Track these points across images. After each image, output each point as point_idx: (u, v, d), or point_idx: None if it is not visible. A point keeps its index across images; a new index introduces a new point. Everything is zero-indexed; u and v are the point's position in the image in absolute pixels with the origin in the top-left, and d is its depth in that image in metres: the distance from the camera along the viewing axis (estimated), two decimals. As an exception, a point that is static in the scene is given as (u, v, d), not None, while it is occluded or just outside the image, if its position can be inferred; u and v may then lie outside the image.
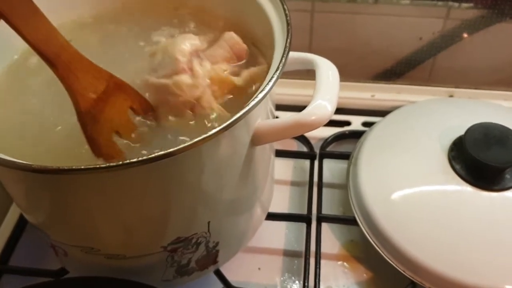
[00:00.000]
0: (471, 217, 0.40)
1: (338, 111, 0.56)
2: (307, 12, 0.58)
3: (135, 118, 0.33)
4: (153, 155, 0.26)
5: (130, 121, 0.33)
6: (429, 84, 0.56)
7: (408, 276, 0.39)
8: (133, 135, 0.33)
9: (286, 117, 0.32)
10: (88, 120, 0.30)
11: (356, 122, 0.54)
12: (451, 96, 0.55)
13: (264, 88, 0.30)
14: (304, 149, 0.52)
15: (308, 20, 0.59)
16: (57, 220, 0.33)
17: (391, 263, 0.40)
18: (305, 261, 0.42)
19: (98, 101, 0.31)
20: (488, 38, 0.57)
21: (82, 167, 0.25)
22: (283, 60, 0.31)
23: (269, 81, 0.30)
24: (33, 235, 0.46)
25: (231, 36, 0.37)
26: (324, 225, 0.46)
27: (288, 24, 0.34)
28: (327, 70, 0.35)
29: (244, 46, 0.37)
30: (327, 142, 0.51)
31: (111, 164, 0.26)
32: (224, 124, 0.28)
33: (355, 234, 0.46)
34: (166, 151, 0.26)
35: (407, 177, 0.42)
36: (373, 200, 0.42)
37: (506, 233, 0.39)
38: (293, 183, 0.50)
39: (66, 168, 0.25)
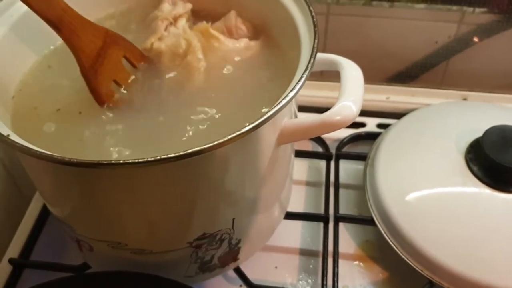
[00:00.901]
0: (489, 218, 0.40)
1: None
2: (323, 15, 0.59)
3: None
4: (182, 153, 0.26)
5: (125, 69, 0.37)
6: (442, 87, 0.57)
7: (426, 275, 0.40)
8: (129, 81, 0.37)
9: (311, 117, 0.33)
10: (91, 75, 0.34)
11: (371, 124, 0.54)
12: (465, 99, 0.55)
13: (294, 87, 0.30)
14: (320, 149, 0.52)
15: (324, 23, 0.60)
16: (85, 214, 0.33)
17: (409, 262, 0.41)
18: (323, 260, 0.43)
19: (98, 56, 0.34)
20: (502, 42, 0.58)
21: (120, 161, 0.26)
22: (312, 61, 0.32)
23: (298, 81, 0.31)
24: (54, 229, 0.47)
25: (229, 15, 0.40)
26: (341, 225, 0.46)
27: (315, 25, 0.35)
28: (351, 71, 0.35)
29: (234, 23, 0.40)
30: (342, 143, 0.52)
31: (141, 160, 0.26)
32: (254, 124, 0.28)
33: (371, 234, 0.46)
34: (195, 149, 0.27)
35: (424, 178, 0.43)
36: (390, 201, 0.42)
37: (523, 234, 0.39)
38: (309, 183, 0.51)
39: (103, 162, 0.26)
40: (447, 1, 0.56)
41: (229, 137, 0.28)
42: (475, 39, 0.58)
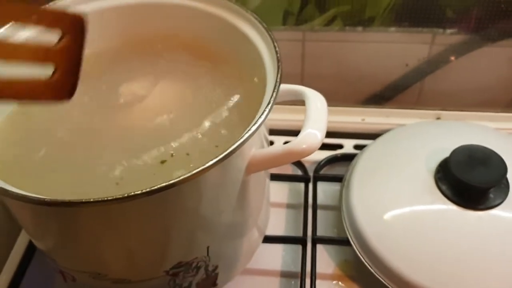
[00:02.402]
0: (457, 236, 0.42)
1: (331, 135, 0.59)
2: (299, 41, 0.61)
3: None
4: (149, 189, 0.28)
5: None
6: (417, 107, 0.59)
7: (399, 293, 0.41)
8: None
9: (278, 146, 0.35)
10: None
11: (348, 145, 0.56)
12: (438, 118, 0.57)
13: (257, 121, 0.32)
14: (299, 172, 0.54)
15: (300, 49, 0.62)
16: (65, 247, 0.35)
17: (382, 280, 0.42)
18: (301, 282, 0.44)
19: None
20: (473, 61, 0.60)
21: (90, 199, 0.27)
22: (274, 95, 0.34)
23: (262, 114, 0.33)
24: (42, 262, 0.48)
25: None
26: (319, 246, 0.48)
27: (278, 61, 0.36)
28: (316, 101, 0.37)
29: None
30: (320, 165, 0.53)
31: (114, 197, 0.28)
32: (220, 156, 0.30)
33: (349, 254, 0.47)
34: (165, 183, 0.28)
35: (396, 198, 0.45)
36: (364, 221, 0.44)
37: (492, 250, 0.41)
38: (289, 206, 0.52)
39: (76, 201, 0.28)
40: (418, 23, 0.58)
41: (195, 171, 0.29)
42: (447, 60, 0.60)
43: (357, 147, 0.56)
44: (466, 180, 0.42)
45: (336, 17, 0.59)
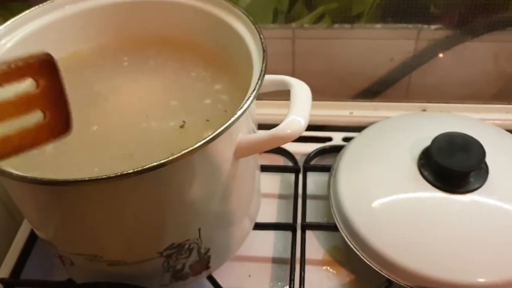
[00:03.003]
0: (439, 219, 0.43)
1: (320, 128, 0.61)
2: (289, 39, 0.63)
3: None
4: (140, 168, 0.30)
5: None
6: (405, 100, 0.61)
7: (384, 274, 0.43)
8: None
9: (264, 132, 0.37)
10: None
11: (337, 138, 0.58)
12: (424, 110, 0.59)
13: (242, 106, 0.34)
14: (290, 164, 0.56)
15: (290, 46, 0.64)
16: (62, 229, 0.37)
17: (369, 263, 0.44)
18: (290, 267, 0.46)
19: None
20: (457, 56, 0.62)
21: (85, 178, 0.29)
22: (259, 82, 0.36)
23: (246, 100, 0.35)
24: (42, 249, 0.50)
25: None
26: (310, 234, 0.50)
27: (264, 51, 0.38)
28: (300, 90, 0.39)
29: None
30: (310, 156, 0.55)
31: (107, 176, 0.29)
32: (208, 138, 0.32)
33: (338, 240, 0.49)
34: (155, 163, 0.30)
35: (381, 185, 0.46)
36: (351, 208, 0.46)
37: (472, 232, 0.43)
38: (281, 196, 0.54)
39: (70, 180, 0.30)
40: (403, 20, 0.60)
41: (182, 152, 0.31)
42: (432, 54, 0.62)
43: (345, 139, 0.58)
44: (447, 165, 0.44)
45: (324, 14, 0.61)
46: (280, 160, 0.58)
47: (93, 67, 0.45)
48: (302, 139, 0.59)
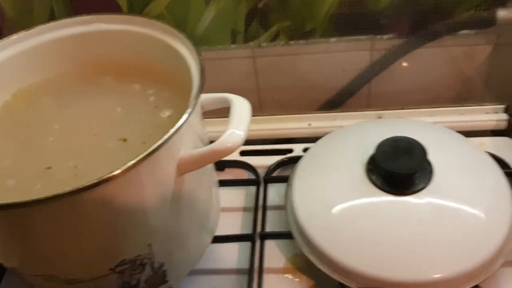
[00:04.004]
0: (387, 221, 0.45)
1: (281, 141, 0.63)
2: (250, 58, 0.66)
3: None
4: (75, 188, 0.32)
5: None
6: (363, 109, 0.63)
7: (337, 279, 0.44)
8: None
9: (205, 147, 0.39)
10: None
11: (298, 149, 0.60)
12: (380, 117, 0.61)
13: (176, 124, 0.36)
14: (253, 177, 0.58)
15: (252, 65, 0.66)
16: (14, 253, 0.39)
17: (325, 271, 0.45)
18: (249, 276, 0.47)
19: None
20: (412, 62, 0.64)
21: (22, 201, 0.31)
22: (194, 101, 0.38)
23: (182, 119, 0.37)
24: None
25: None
26: (271, 243, 0.51)
27: (201, 71, 0.40)
28: (239, 105, 0.41)
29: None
30: (271, 169, 0.57)
31: (36, 199, 0.31)
32: (139, 157, 0.34)
33: (298, 248, 0.50)
34: (86, 184, 0.32)
35: (332, 193, 0.48)
36: (304, 216, 0.47)
37: (419, 231, 0.44)
38: (245, 209, 0.56)
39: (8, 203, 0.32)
40: (356, 32, 0.63)
41: (119, 171, 0.33)
42: (389, 63, 0.64)
43: (305, 150, 0.59)
44: (391, 169, 0.45)
45: (279, 32, 0.63)
46: (244, 174, 0.59)
47: (51, 94, 0.48)
48: (264, 153, 0.61)
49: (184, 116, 0.37)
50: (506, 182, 0.47)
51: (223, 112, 0.43)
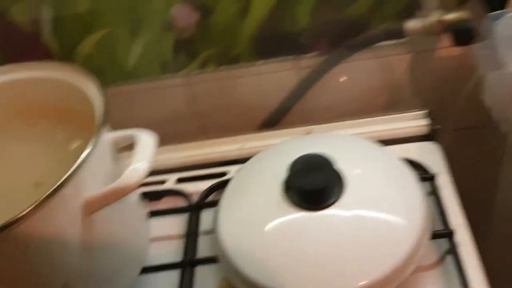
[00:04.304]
0: (304, 237, 0.46)
1: (213, 165, 0.64)
2: (183, 86, 0.68)
3: None
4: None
5: None
6: (291, 126, 0.64)
7: (256, 299, 0.46)
8: None
9: (110, 185, 0.40)
10: None
11: (232, 172, 0.61)
12: (308, 133, 0.63)
13: (72, 167, 0.38)
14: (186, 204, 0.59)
15: (188, 92, 0.68)
16: None
17: (242, 289, 0.46)
18: (179, 304, 0.49)
19: None
20: (339, 76, 0.66)
21: None
22: (91, 147, 0.39)
23: (79, 161, 0.38)
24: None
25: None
26: (204, 268, 0.52)
27: (105, 111, 0.42)
28: (142, 138, 0.43)
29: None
30: (204, 194, 0.59)
31: None
32: (36, 203, 0.35)
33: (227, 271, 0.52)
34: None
35: (253, 214, 0.49)
36: (227, 238, 0.48)
37: (333, 245, 0.45)
38: (180, 237, 0.57)
39: None
40: (280, 53, 0.65)
41: (20, 215, 0.35)
42: (316, 79, 0.66)
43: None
44: (304, 186, 0.47)
45: (207, 60, 0.65)
46: (182, 201, 0.61)
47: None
48: (202, 178, 0.63)
49: (78, 162, 0.38)
50: (419, 188, 0.49)
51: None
